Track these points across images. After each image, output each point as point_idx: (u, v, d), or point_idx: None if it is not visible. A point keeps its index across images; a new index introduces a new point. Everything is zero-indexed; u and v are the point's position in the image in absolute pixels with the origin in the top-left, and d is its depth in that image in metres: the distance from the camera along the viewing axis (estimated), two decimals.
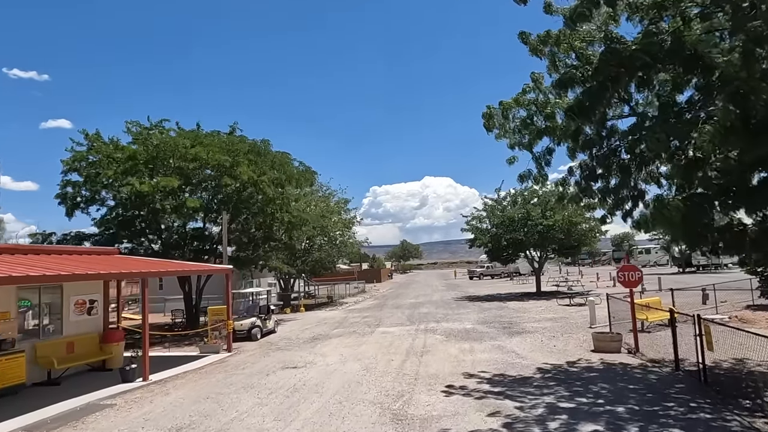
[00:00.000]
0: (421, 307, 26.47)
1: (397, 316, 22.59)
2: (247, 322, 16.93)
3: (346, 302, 33.22)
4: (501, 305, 25.14)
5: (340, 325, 19.91)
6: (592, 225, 29.90)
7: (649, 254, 71.34)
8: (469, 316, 20.83)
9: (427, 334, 16.08)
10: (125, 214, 18.59)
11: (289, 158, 20.53)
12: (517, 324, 17.69)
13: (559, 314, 20.27)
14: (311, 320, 22.64)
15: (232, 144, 18.64)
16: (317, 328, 19.54)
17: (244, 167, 17.82)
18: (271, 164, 19.37)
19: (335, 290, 40.92)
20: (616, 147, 9.90)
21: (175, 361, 13.26)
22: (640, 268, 12.48)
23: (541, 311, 21.67)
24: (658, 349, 11.62)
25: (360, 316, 23.56)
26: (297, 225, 21.97)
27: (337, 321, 21.69)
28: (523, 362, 11.27)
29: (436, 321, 19.71)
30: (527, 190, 30.61)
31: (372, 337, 16.20)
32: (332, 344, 15.13)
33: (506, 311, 22.27)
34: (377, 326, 18.93)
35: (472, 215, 31.78)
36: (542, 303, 25.43)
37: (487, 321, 18.97)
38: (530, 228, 28.64)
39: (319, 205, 29.45)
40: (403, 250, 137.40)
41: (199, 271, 16.46)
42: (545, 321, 18.28)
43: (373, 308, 27.52)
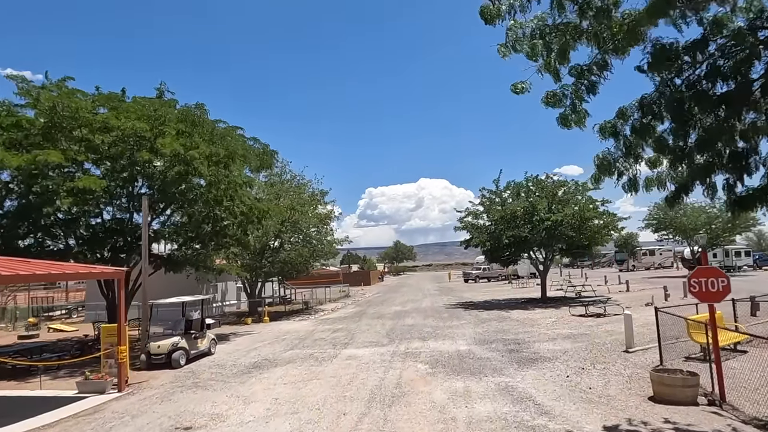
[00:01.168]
0: (407, 317, 22.20)
1: (376, 329, 18.31)
2: (167, 344, 12.61)
3: (323, 309, 28.89)
4: (502, 315, 20.92)
5: (300, 344, 15.61)
6: (607, 221, 25.77)
7: (653, 256, 67.60)
8: (463, 331, 16.60)
9: (406, 362, 11.80)
10: (21, 201, 14.26)
11: (234, 132, 16.21)
12: (527, 344, 13.46)
13: (576, 328, 16.09)
14: (268, 335, 18.31)
15: (155, 109, 14.32)
16: (269, 347, 15.24)
17: (168, 138, 13.53)
18: (209, 137, 15.09)
19: (315, 295, 36.66)
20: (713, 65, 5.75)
21: (31, 407, 8.97)
22: (725, 273, 8.23)
23: (553, 324, 17.46)
24: (752, 395, 7.51)
25: (330, 329, 19.26)
26: (253, 217, 17.72)
27: (299, 337, 17.37)
28: (552, 427, 7.01)
29: (422, 338, 15.46)
30: (532, 179, 26.45)
31: (331, 365, 11.92)
32: (272, 378, 10.83)
33: (509, 323, 18.05)
34: (345, 346, 14.65)
35: (467, 210, 27.53)
36: (551, 312, 21.23)
37: (486, 339, 14.74)
38: (535, 224, 24.46)
39: (289, 196, 25.15)
40: (396, 251, 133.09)
41: (73, 276, 11.98)
42: (562, 339, 14.07)
43: (350, 318, 23.22)
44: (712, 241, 46.35)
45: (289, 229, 25.20)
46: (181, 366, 12.54)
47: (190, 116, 14.90)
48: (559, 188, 25.89)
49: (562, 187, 25.96)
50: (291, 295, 37.06)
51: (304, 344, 15.48)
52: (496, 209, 25.59)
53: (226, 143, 15.05)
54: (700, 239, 45.06)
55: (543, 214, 24.42)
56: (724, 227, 45.43)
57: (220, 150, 14.40)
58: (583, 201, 25.45)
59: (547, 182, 26.26)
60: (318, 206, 27.68)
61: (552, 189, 25.72)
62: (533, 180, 26.43)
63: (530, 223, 24.82)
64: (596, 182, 6.64)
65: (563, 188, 26.01)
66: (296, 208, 24.50)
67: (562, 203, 25.10)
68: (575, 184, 26.00)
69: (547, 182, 26.26)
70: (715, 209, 45.89)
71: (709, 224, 45.16)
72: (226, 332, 19.92)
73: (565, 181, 26.19)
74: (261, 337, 17.97)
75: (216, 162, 14.89)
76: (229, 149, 14.85)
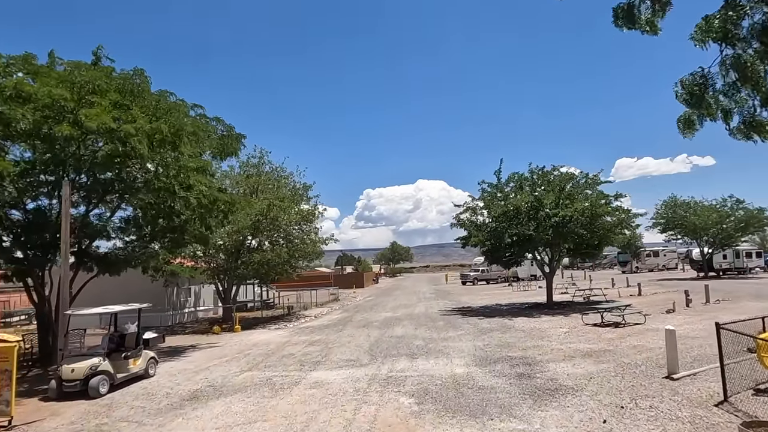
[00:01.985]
0: (397, 325, 19.52)
1: (358, 342, 15.63)
2: (83, 367, 9.88)
3: (306, 315, 26.19)
4: (505, 324, 18.26)
5: (263, 362, 12.89)
6: (621, 217, 23.13)
7: (658, 257, 65.17)
8: (460, 345, 13.93)
9: (386, 392, 9.10)
10: None
11: (184, 107, 13.48)
12: (540, 366, 10.80)
13: (594, 342, 13.45)
14: (232, 349, 15.60)
15: (82, 75, 11.59)
16: (223, 367, 12.52)
17: (96, 110, 10.84)
18: (152, 111, 12.39)
19: (301, 299, 33.97)
20: None
21: None
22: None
23: (566, 336, 14.82)
24: None
25: (306, 341, 16.56)
26: (217, 211, 15.07)
27: (266, 351, 14.66)
28: None
29: (410, 355, 12.78)
30: (539, 172, 23.77)
31: (289, 396, 9.21)
32: (205, 418, 8.11)
33: (514, 335, 15.40)
34: (315, 366, 11.94)
35: (466, 206, 24.82)
36: (560, 320, 18.59)
37: (488, 357, 12.06)
38: (541, 220, 21.82)
39: (267, 189, 22.51)
40: (393, 252, 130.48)
41: None
42: (582, 358, 11.41)
43: (332, 326, 20.52)
44: (724, 242, 43.81)
45: (266, 226, 22.53)
46: (101, 395, 9.83)
47: (128, 85, 12.19)
48: (567, 181, 23.24)
49: (570, 181, 23.30)
50: (274, 299, 34.33)
51: (267, 363, 12.76)
52: (498, 204, 22.89)
53: (172, 119, 12.32)
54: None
55: (550, 209, 21.78)
56: (736, 227, 42.89)
57: (162, 126, 11.67)
58: (594, 196, 22.84)
59: (553, 175, 23.59)
60: (301, 202, 24.99)
61: (559, 182, 23.06)
62: (538, 172, 23.77)
63: (535, 220, 22.18)
64: (688, 127, 4.02)
65: (571, 182, 23.36)
66: (274, 202, 21.84)
67: (570, 198, 22.46)
68: (585, 176, 23.36)
69: (553, 175, 23.59)
70: (726, 207, 43.47)
71: (720, 223, 42.62)
72: (185, 344, 17.23)
73: (573, 173, 23.52)
74: (222, 351, 15.26)
75: (160, 141, 12.20)
76: (175, 126, 12.11)
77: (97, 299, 25.18)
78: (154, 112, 12.44)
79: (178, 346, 16.81)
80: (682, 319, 17.30)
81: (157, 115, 12.39)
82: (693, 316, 18.12)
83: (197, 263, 21.76)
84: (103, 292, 24.29)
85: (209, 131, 13.89)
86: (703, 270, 45.73)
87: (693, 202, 44.79)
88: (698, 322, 16.67)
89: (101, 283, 21.16)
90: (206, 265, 23.42)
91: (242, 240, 22.73)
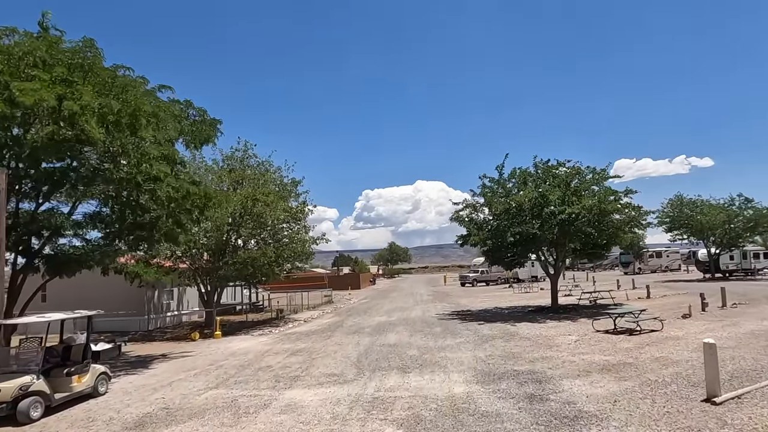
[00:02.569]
0: (390, 331, 17.96)
1: (345, 351, 14.05)
2: (11, 387, 8.28)
3: (295, 319, 24.61)
4: (508, 330, 16.71)
5: (234, 377, 11.30)
6: (631, 215, 21.58)
7: (660, 258, 63.67)
8: (459, 356, 12.36)
9: (369, 421, 7.51)
10: None
11: (143, 85, 11.85)
12: (552, 383, 9.24)
13: (611, 353, 11.90)
14: (204, 359, 14.02)
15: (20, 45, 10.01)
16: (189, 383, 10.93)
17: (35, 84, 9.26)
18: (107, 90, 10.81)
19: (293, 301, 32.39)
20: None
21: None
22: None
23: (577, 345, 13.27)
24: None
25: (289, 349, 14.99)
26: (191, 206, 13.54)
27: (242, 363, 13.07)
28: None
29: (403, 368, 11.21)
30: (543, 166, 22.20)
31: (252, 426, 7.61)
32: None
33: (519, 344, 13.84)
34: (292, 383, 10.36)
35: (465, 202, 23.23)
36: (568, 326, 17.06)
37: (491, 371, 10.50)
38: (546, 218, 20.27)
39: (251, 183, 20.95)
40: (391, 253, 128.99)
41: None
42: (599, 374, 9.85)
43: (320, 332, 18.95)
44: (731, 242, 42.32)
45: (250, 224, 20.96)
46: (32, 420, 8.24)
47: (78, 59, 10.60)
48: (573, 177, 21.63)
49: (577, 176, 21.69)
50: (263, 301, 32.72)
51: (239, 377, 11.17)
52: (500, 201, 21.30)
53: (127, 97, 10.74)
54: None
55: (555, 206, 20.22)
56: (745, 226, 41.41)
57: (112, 103, 10.07)
58: (602, 192, 21.25)
59: (558, 170, 21.99)
60: (289, 198, 23.41)
61: (565, 178, 21.46)
62: (543, 167, 22.16)
63: (539, 218, 20.63)
64: None
65: (577, 177, 21.75)
66: (259, 198, 20.27)
67: (576, 194, 20.87)
68: (592, 171, 21.77)
69: (558, 170, 21.99)
70: (734, 207, 42.02)
71: (728, 223, 41.12)
72: (156, 353, 15.66)
73: (580, 168, 21.87)
74: (194, 362, 13.68)
75: (115, 123, 10.62)
76: (131, 105, 10.52)
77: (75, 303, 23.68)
78: (109, 90, 10.85)
79: (148, 356, 15.24)
80: (702, 326, 15.77)
81: (112, 93, 10.80)
82: (713, 322, 16.59)
83: (174, 264, 20.18)
84: (81, 296, 22.81)
85: (175, 114, 12.25)
86: (709, 271, 44.25)
87: (700, 200, 43.32)
88: (720, 328, 15.15)
89: (79, 287, 19.62)
90: (187, 266, 21.88)
91: (225, 238, 21.16)
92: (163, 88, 13.73)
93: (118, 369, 13.03)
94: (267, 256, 20.53)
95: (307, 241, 23.92)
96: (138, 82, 11.49)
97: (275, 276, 22.93)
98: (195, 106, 14.42)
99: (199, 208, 14.26)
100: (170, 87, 13.87)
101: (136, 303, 23.14)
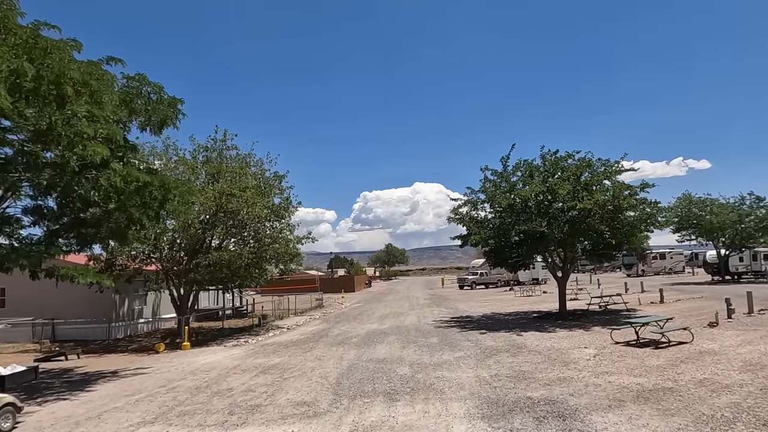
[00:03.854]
0: (380, 342, 15.86)
1: (324, 369, 11.93)
2: None
3: (278, 327, 22.50)
4: (514, 341, 14.63)
5: (179, 406, 9.15)
6: (648, 212, 19.49)
7: (664, 260, 61.71)
8: (459, 378, 10.25)
9: None
10: None
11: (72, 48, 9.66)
12: (579, 420, 7.13)
13: (641, 373, 9.82)
14: (157, 380, 11.86)
15: None
16: (124, 414, 8.78)
17: None
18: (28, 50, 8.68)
19: (281, 305, 30.28)
20: None
21: None
22: None
23: (598, 362, 11.20)
24: None
25: (259, 366, 12.85)
26: (149, 198, 11.48)
27: (197, 386, 10.92)
28: None
29: (389, 396, 9.09)
30: (551, 158, 20.05)
31: None
32: None
33: (529, 360, 11.76)
34: (247, 418, 8.21)
35: (465, 198, 21.11)
36: (582, 337, 15.00)
37: (500, 400, 8.39)
38: (555, 215, 18.20)
39: (226, 177, 18.85)
40: (388, 255, 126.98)
41: None
42: (635, 404, 7.77)
43: (301, 343, 16.82)
44: (743, 243, 40.31)
45: (226, 222, 18.85)
46: None
47: None
48: (584, 170, 19.48)
49: (588, 168, 19.55)
50: (247, 306, 30.57)
51: (186, 406, 9.03)
52: (503, 195, 19.16)
53: (50, 62, 8.62)
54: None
55: (565, 201, 18.16)
56: (757, 226, 39.38)
57: (25, 65, 7.96)
58: (615, 186, 19.12)
59: (567, 162, 19.84)
60: (271, 194, 21.29)
61: (575, 170, 19.32)
62: (551, 158, 19.98)
63: (547, 214, 18.58)
64: None
65: (588, 170, 19.60)
66: (234, 193, 18.17)
67: (587, 188, 18.77)
68: (605, 163, 19.64)
69: (567, 162, 19.84)
70: (746, 206, 40.06)
71: (739, 223, 39.11)
72: (107, 369, 13.54)
73: (591, 160, 19.73)
74: (144, 382, 11.53)
75: (34, 92, 8.51)
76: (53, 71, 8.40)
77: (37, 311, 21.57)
78: (29, 52, 8.73)
79: (96, 373, 13.11)
80: (737, 337, 13.73)
81: (32, 56, 8.69)
82: (746, 332, 14.55)
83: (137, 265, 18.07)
84: (43, 301, 20.67)
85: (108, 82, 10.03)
86: (719, 273, 42.27)
87: (709, 200, 41.31)
88: (759, 340, 13.12)
89: (41, 292, 17.45)
90: (156, 268, 19.78)
91: (200, 238, 19.05)
92: (113, 60, 11.64)
93: (50, 391, 10.93)
94: (243, 257, 18.39)
95: (292, 241, 21.80)
96: (66, 44, 9.36)
97: (255, 280, 20.80)
98: (150, 81, 12.32)
99: (158, 202, 12.19)
100: (120, 60, 11.80)
101: (102, 309, 21.03)
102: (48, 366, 14.59)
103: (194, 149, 20.63)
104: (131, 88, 11.84)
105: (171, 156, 20.43)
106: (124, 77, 12.11)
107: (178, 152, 20.53)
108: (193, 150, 20.82)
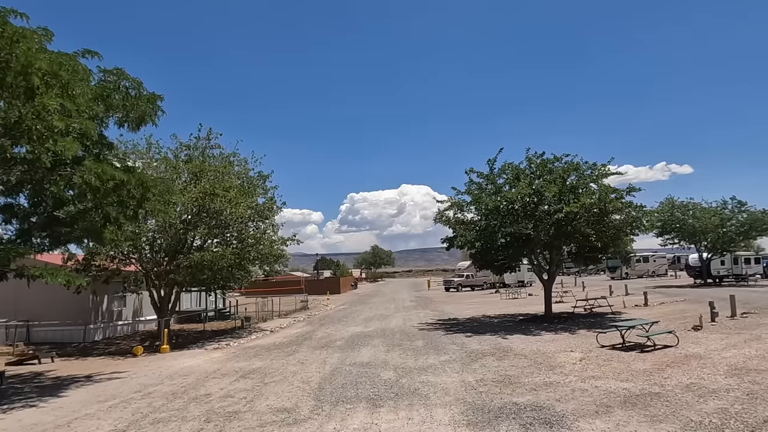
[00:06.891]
0: (364, 345, 15.59)
1: (306, 374, 11.63)
2: None
3: (261, 329, 22.08)
4: (500, 345, 14.48)
5: (152, 414, 8.74)
6: (633, 216, 19.53)
7: (648, 263, 62.42)
8: (444, 383, 10.04)
9: None
10: None
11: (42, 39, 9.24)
12: (567, 427, 6.96)
13: (627, 378, 9.71)
14: (131, 385, 11.43)
15: None
16: (93, 422, 8.37)
17: None
18: None
19: (265, 307, 29.80)
20: None
21: None
22: None
23: (584, 366, 11.08)
24: None
25: (239, 371, 12.49)
26: (122, 196, 11.06)
27: (173, 391, 10.54)
28: None
29: (372, 401, 8.84)
30: (537, 161, 20.00)
31: None
32: None
33: (516, 364, 11.60)
34: (224, 426, 7.87)
35: (451, 200, 20.98)
36: (568, 340, 14.92)
37: (486, 406, 8.19)
38: (541, 217, 18.13)
39: (208, 176, 18.42)
40: (374, 256, 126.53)
41: None
42: (623, 409, 7.63)
43: (284, 346, 16.47)
44: (724, 246, 40.83)
45: (209, 222, 18.41)
46: None
47: None
48: (571, 173, 19.43)
49: (574, 171, 19.50)
50: (231, 308, 30.03)
51: (160, 414, 8.66)
52: (489, 198, 19.05)
53: (16, 52, 8.22)
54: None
55: (552, 204, 18.10)
56: (738, 230, 39.93)
57: None
58: (602, 189, 19.10)
59: (554, 164, 19.78)
60: (255, 194, 20.88)
61: (561, 173, 19.27)
62: (537, 161, 19.92)
63: (533, 217, 18.50)
64: None
65: (575, 172, 19.55)
66: (217, 192, 17.76)
67: (573, 191, 18.76)
68: (591, 167, 19.60)
69: (554, 164, 19.78)
70: (727, 210, 40.61)
71: (721, 226, 39.62)
72: (81, 374, 13.04)
73: (578, 163, 19.67)
74: (118, 388, 11.10)
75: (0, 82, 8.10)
76: (19, 60, 8.01)
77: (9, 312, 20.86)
78: None
79: (69, 377, 12.62)
80: (721, 340, 13.76)
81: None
82: (730, 335, 14.60)
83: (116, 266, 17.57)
84: (18, 302, 19.99)
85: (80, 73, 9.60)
86: (701, 276, 42.83)
87: (691, 204, 41.81)
88: (743, 343, 13.15)
89: (16, 292, 16.86)
90: (135, 268, 19.28)
91: (180, 238, 18.59)
92: (89, 53, 11.22)
93: (18, 397, 10.47)
94: (226, 258, 17.98)
95: (276, 242, 21.42)
96: (34, 33, 8.94)
97: (238, 281, 20.38)
98: (129, 76, 11.92)
99: (135, 201, 11.78)
100: (97, 53, 11.39)
101: (80, 311, 20.41)
102: (19, 370, 14.05)
103: (176, 147, 20.15)
104: (108, 82, 11.44)
105: (154, 155, 19.95)
106: (101, 71, 11.72)
107: (161, 151, 20.06)
108: (175, 148, 20.35)
